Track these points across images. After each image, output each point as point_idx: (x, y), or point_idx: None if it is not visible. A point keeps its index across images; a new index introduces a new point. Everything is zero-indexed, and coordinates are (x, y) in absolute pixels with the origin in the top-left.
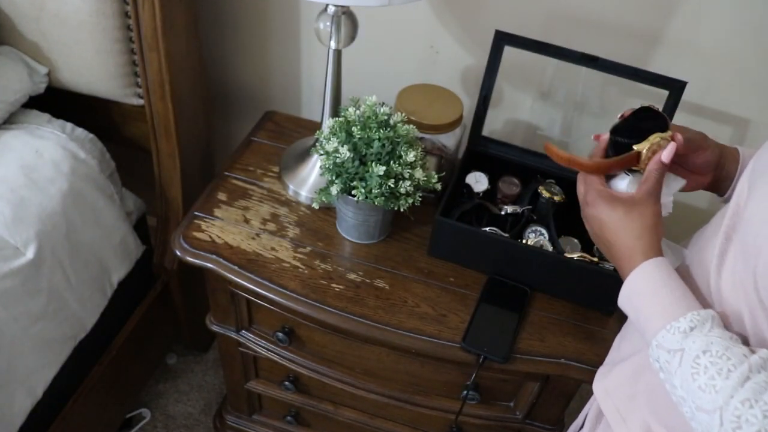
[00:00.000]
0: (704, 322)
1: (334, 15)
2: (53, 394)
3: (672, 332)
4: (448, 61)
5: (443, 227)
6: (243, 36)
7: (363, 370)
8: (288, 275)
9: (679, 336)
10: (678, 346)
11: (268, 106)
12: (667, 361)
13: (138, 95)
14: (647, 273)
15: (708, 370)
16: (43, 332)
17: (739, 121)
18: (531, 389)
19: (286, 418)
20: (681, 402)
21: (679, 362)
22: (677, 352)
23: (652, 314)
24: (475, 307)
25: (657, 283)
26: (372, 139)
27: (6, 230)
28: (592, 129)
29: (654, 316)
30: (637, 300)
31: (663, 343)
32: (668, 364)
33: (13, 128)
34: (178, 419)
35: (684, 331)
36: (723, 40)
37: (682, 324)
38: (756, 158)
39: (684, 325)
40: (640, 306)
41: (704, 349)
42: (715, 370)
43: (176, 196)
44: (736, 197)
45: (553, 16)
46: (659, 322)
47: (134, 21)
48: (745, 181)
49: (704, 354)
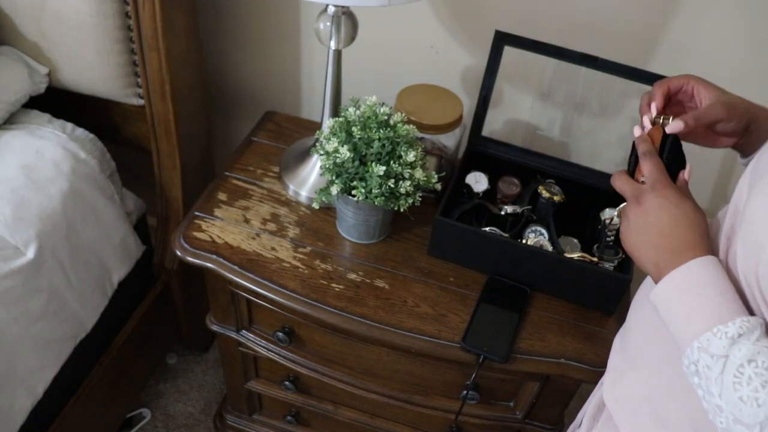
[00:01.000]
0: (753, 330)
1: (334, 15)
2: (53, 393)
3: (719, 336)
4: (448, 61)
5: (443, 227)
6: (243, 36)
7: (363, 370)
8: (288, 275)
9: (726, 341)
10: (723, 351)
11: (268, 106)
12: (707, 366)
13: (138, 95)
14: (700, 268)
15: (752, 381)
16: (43, 332)
17: None
18: (531, 389)
19: (286, 417)
20: (716, 411)
21: (721, 369)
22: (721, 357)
23: (697, 314)
24: (475, 307)
25: (708, 282)
26: (372, 139)
27: (6, 230)
28: (592, 129)
29: (698, 317)
30: (683, 296)
31: (708, 346)
32: (709, 369)
33: (14, 128)
34: (178, 419)
35: (732, 336)
36: (722, 40)
37: (731, 329)
38: (757, 159)
39: (732, 331)
40: (685, 303)
41: (750, 358)
42: (759, 381)
43: (176, 196)
44: (736, 197)
45: (553, 17)
46: (705, 323)
47: (134, 21)
48: (746, 181)
49: (749, 364)
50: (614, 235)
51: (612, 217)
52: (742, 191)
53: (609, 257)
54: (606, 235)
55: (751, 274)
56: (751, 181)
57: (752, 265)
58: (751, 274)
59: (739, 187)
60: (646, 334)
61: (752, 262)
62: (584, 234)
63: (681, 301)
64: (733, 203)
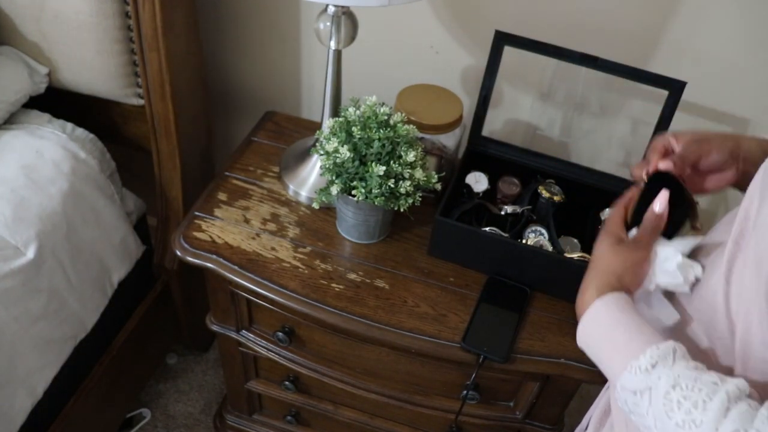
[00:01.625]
0: (666, 356)
1: (334, 15)
2: (54, 393)
3: (633, 372)
4: (448, 61)
5: (443, 227)
6: (243, 36)
7: (363, 370)
8: (288, 275)
9: (642, 375)
10: (643, 385)
11: (268, 106)
12: (635, 403)
13: (138, 95)
14: (600, 310)
15: (682, 404)
16: (43, 332)
17: (738, 121)
18: (531, 389)
19: (286, 417)
20: None
21: (648, 402)
22: (644, 391)
23: (611, 356)
24: (475, 307)
25: (612, 322)
26: (372, 139)
27: (6, 230)
28: (592, 129)
29: (613, 358)
30: (592, 342)
31: (627, 384)
32: (637, 406)
33: (14, 128)
34: (178, 419)
35: (646, 369)
36: (723, 40)
37: (643, 361)
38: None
39: (645, 363)
40: (599, 348)
41: (673, 383)
42: (690, 403)
43: (176, 196)
44: (746, 202)
45: (553, 16)
46: (620, 362)
47: (134, 21)
48: (757, 186)
49: (674, 389)
50: None
51: None
52: (753, 196)
53: None
54: None
55: (763, 283)
56: (763, 186)
57: (764, 272)
58: (762, 283)
59: (749, 193)
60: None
61: (764, 269)
62: (584, 234)
63: (595, 347)
64: (743, 208)
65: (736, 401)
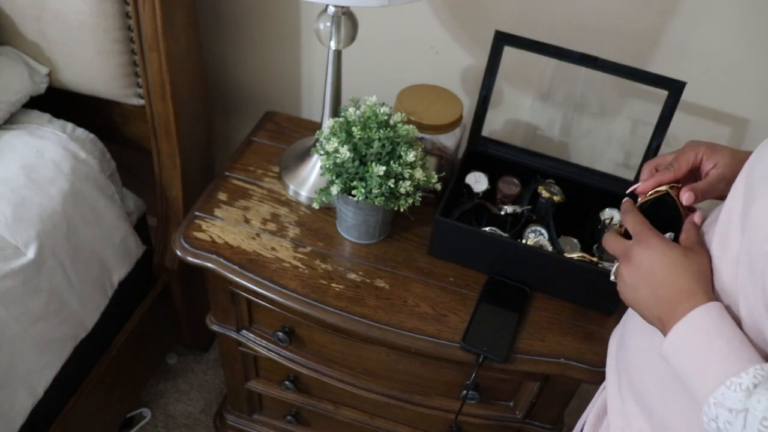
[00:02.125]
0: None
1: (334, 15)
2: (54, 393)
3: (733, 389)
4: (448, 61)
5: (443, 227)
6: (243, 36)
7: (363, 370)
8: (288, 275)
9: (742, 394)
10: (741, 405)
11: (268, 106)
12: (728, 421)
13: (138, 95)
14: (701, 318)
15: None
16: (43, 332)
17: (738, 121)
18: (531, 389)
19: (287, 417)
20: None
21: (743, 425)
22: (740, 412)
23: (708, 369)
24: (475, 307)
25: (711, 332)
26: (372, 139)
27: (7, 230)
28: (592, 129)
29: (709, 371)
30: (689, 350)
31: (723, 401)
32: (730, 425)
33: (14, 128)
34: (178, 419)
35: (747, 388)
36: (722, 41)
37: (745, 380)
38: (754, 161)
39: (747, 382)
40: (693, 356)
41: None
42: None
43: (176, 196)
44: (730, 203)
45: (553, 16)
46: (717, 376)
47: (134, 21)
48: (740, 185)
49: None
50: None
51: (612, 217)
52: (736, 196)
53: (609, 257)
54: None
55: (757, 280)
56: (750, 185)
57: (758, 271)
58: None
59: (732, 193)
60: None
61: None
62: (584, 234)
63: (689, 356)
64: (726, 209)
65: None
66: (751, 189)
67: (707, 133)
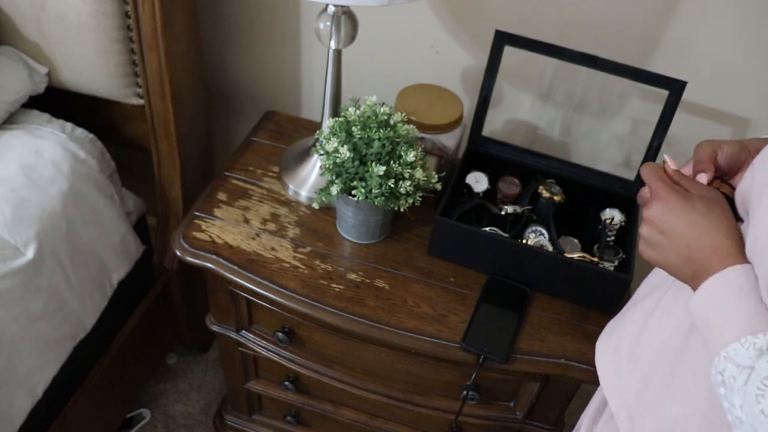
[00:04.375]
0: None
1: (334, 15)
2: (53, 393)
3: (746, 347)
4: (448, 61)
5: (443, 227)
6: (243, 36)
7: (363, 370)
8: (288, 275)
9: (754, 352)
10: (749, 362)
11: (268, 106)
12: (733, 376)
13: (138, 95)
14: (737, 277)
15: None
16: (43, 332)
17: (739, 121)
18: (531, 389)
19: (286, 418)
20: (737, 423)
21: (745, 380)
22: (746, 368)
23: (730, 323)
24: (475, 307)
25: (744, 291)
26: (372, 139)
27: (6, 230)
28: (592, 129)
29: (731, 325)
30: (718, 303)
31: (734, 356)
32: (733, 379)
33: (13, 128)
34: (178, 419)
35: (760, 348)
36: (723, 40)
37: (761, 341)
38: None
39: (762, 343)
40: (719, 311)
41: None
42: None
43: (176, 196)
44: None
45: (553, 16)
46: (736, 333)
47: (134, 21)
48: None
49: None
50: (614, 235)
51: (612, 217)
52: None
53: (609, 257)
54: (606, 235)
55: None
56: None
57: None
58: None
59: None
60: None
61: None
62: (584, 234)
63: (716, 309)
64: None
65: None
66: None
67: (707, 133)
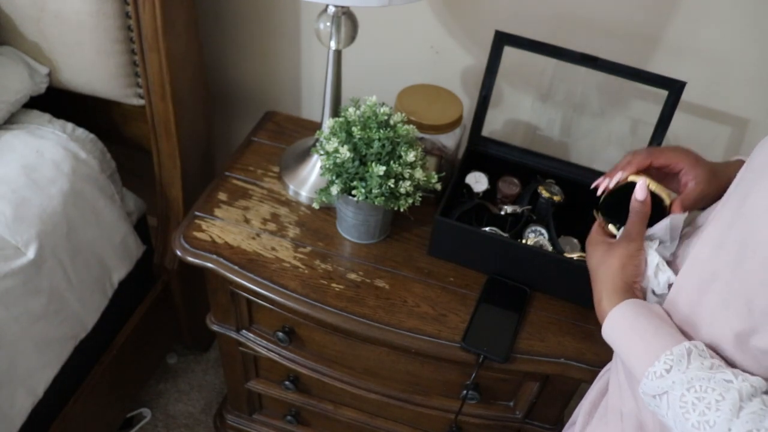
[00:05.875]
0: (680, 359)
1: (334, 15)
2: (54, 393)
3: (650, 378)
4: (448, 61)
5: (443, 227)
6: (243, 36)
7: (363, 370)
8: (288, 275)
9: (658, 381)
10: (660, 390)
11: (268, 106)
12: (656, 405)
13: (138, 95)
14: (614, 322)
15: (696, 406)
16: (43, 332)
17: (738, 121)
18: (531, 389)
19: (287, 417)
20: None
21: (667, 405)
22: (662, 395)
23: (632, 363)
24: (475, 306)
25: (625, 331)
26: (372, 139)
27: (7, 230)
28: (592, 129)
29: (634, 364)
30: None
31: (647, 390)
32: (658, 408)
33: (14, 128)
34: (178, 419)
35: (661, 374)
36: (722, 41)
37: (658, 368)
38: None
39: (659, 369)
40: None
41: (687, 386)
42: (703, 405)
43: (177, 196)
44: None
45: (553, 16)
46: (640, 369)
47: (135, 21)
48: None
49: (688, 391)
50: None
51: None
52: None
53: None
54: None
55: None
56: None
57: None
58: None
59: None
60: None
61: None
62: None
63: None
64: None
65: (750, 399)
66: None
67: (707, 133)
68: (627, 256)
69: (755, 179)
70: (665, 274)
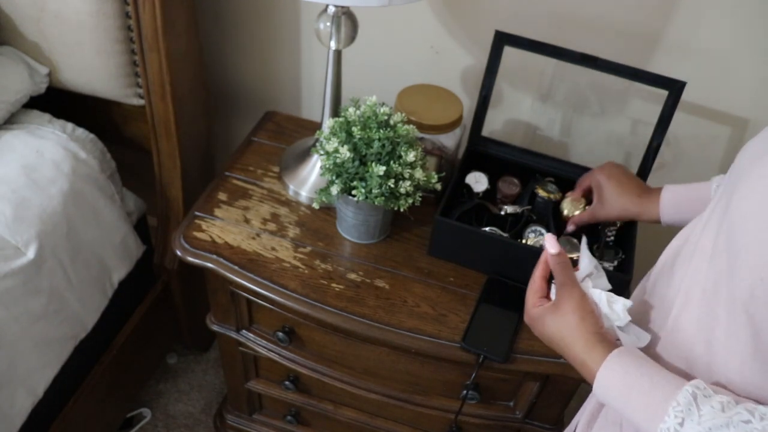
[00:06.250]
0: (689, 408)
1: (334, 15)
2: (54, 393)
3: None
4: (448, 61)
5: (443, 227)
6: (243, 36)
7: (363, 370)
8: (288, 275)
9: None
10: None
11: (268, 106)
12: None
13: (138, 95)
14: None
15: None
16: (43, 332)
17: (738, 121)
18: (531, 389)
19: (287, 417)
20: None
21: None
22: None
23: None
24: (475, 306)
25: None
26: (372, 139)
27: (7, 230)
28: (591, 129)
29: (641, 421)
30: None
31: None
32: None
33: (14, 128)
34: (178, 419)
35: (676, 429)
36: (722, 41)
37: (670, 423)
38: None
39: (672, 425)
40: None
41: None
42: None
43: (177, 196)
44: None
45: (553, 17)
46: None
47: (135, 21)
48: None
49: None
50: (614, 235)
51: None
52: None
53: (609, 257)
54: (606, 235)
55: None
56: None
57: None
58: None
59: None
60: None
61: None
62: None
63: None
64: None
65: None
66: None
67: (707, 133)
68: (578, 306)
69: (735, 183)
70: (618, 301)
